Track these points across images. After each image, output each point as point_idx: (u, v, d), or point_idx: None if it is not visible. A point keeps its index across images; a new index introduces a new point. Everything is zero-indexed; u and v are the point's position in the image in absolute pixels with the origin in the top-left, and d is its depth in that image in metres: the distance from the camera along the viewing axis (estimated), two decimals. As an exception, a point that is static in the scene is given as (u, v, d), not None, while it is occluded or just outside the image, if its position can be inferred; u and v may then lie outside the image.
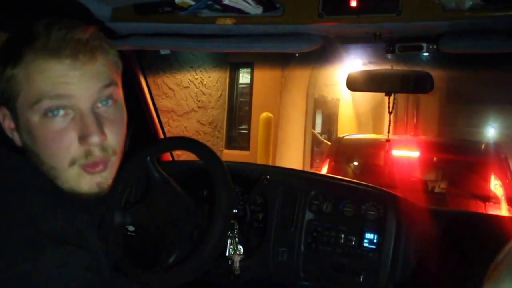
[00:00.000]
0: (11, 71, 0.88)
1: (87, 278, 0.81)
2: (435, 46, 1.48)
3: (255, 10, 1.40)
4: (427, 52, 1.52)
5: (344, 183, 1.81)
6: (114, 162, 0.95)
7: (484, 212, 3.93)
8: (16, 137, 0.94)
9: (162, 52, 1.72)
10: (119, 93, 0.96)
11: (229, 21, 1.43)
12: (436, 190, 4.66)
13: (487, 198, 4.31)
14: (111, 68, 0.94)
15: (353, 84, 1.85)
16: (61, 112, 0.88)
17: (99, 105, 0.91)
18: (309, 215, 1.71)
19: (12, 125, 0.93)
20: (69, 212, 0.88)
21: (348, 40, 1.73)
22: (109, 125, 0.92)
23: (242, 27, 1.48)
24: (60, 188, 0.91)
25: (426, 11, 1.31)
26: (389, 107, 2.02)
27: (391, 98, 1.91)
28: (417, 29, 1.44)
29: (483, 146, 5.20)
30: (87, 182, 0.92)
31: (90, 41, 0.89)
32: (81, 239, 0.86)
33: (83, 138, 0.88)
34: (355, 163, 5.53)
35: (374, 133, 10.01)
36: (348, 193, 1.73)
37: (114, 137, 0.93)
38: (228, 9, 1.41)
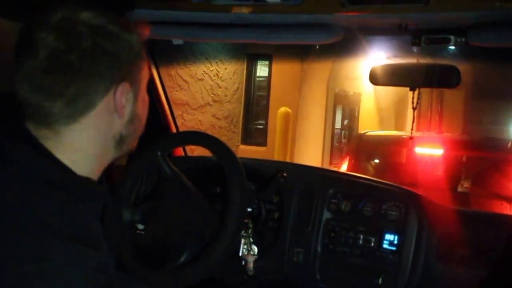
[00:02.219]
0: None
1: (95, 279, 0.78)
2: (463, 39, 1.42)
3: (273, -2, 1.34)
4: (455, 45, 1.47)
5: (364, 181, 1.77)
6: None
7: (510, 213, 3.84)
8: (126, 112, 0.94)
9: (175, 42, 1.68)
10: None
11: (245, 10, 1.39)
12: (460, 189, 4.57)
13: (513, 199, 4.23)
14: None
15: (376, 78, 1.79)
16: None
17: None
18: (326, 215, 1.67)
19: (129, 98, 0.94)
20: (79, 208, 0.84)
21: (372, 32, 1.70)
22: None
23: (258, 16, 1.43)
24: (72, 181, 0.87)
25: (455, 1, 1.24)
26: (413, 103, 1.95)
27: (416, 93, 1.83)
28: (445, 21, 1.39)
29: (509, 145, 5.08)
30: None
31: None
32: (92, 237, 0.82)
33: None
34: (377, 161, 5.46)
35: (396, 129, 9.90)
36: (368, 192, 1.69)
37: None
38: (244, -3, 1.35)
